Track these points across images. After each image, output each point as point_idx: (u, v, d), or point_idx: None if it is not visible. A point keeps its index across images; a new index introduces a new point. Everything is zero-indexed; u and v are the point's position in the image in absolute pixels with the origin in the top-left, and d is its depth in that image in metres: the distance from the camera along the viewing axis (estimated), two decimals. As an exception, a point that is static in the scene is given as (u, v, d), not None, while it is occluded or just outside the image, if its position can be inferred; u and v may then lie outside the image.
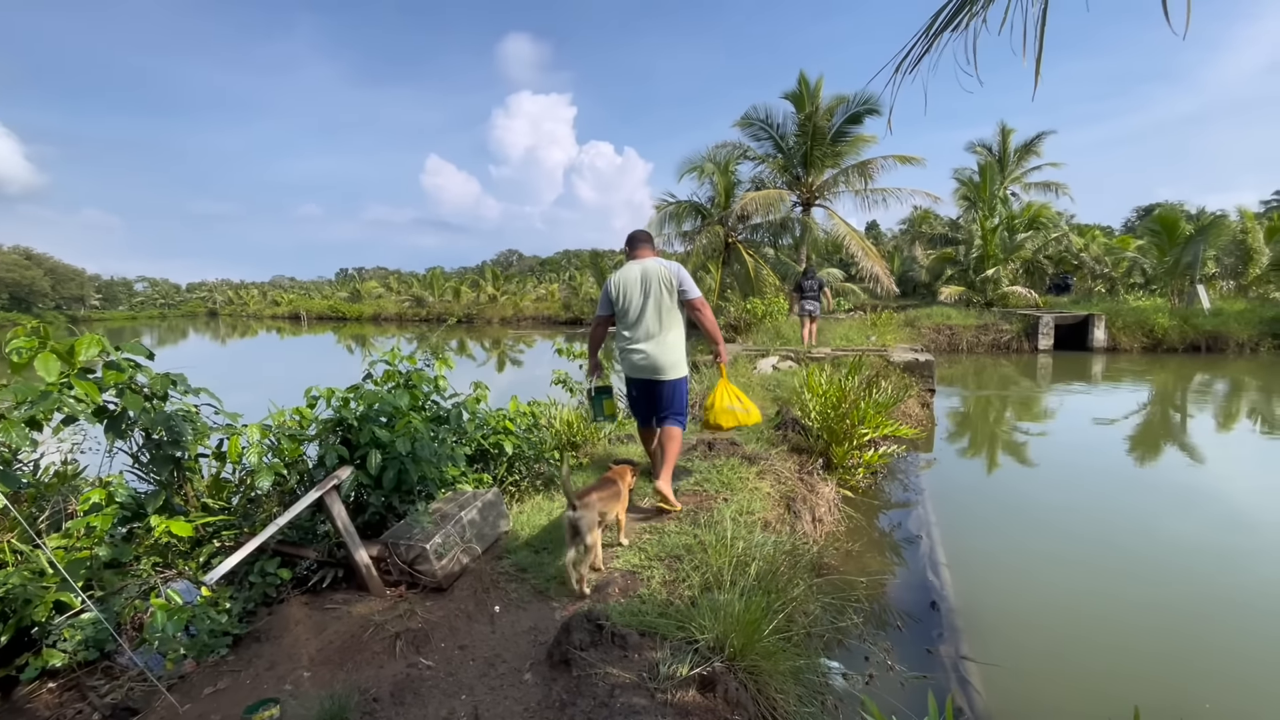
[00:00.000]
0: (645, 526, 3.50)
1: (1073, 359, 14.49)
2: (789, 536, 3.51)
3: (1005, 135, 30.65)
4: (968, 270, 24.10)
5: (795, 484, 4.35)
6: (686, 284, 3.57)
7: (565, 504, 2.86)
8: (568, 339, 28.97)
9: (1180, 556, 4.51)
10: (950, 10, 2.25)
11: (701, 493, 3.98)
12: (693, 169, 20.91)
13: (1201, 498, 5.84)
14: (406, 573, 2.91)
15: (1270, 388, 11.32)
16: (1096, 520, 5.19)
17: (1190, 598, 3.90)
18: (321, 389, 3.07)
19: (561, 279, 55.81)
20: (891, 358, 9.31)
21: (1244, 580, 4.11)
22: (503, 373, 19.12)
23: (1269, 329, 13.76)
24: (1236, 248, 20.01)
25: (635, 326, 3.57)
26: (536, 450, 4.31)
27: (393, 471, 2.95)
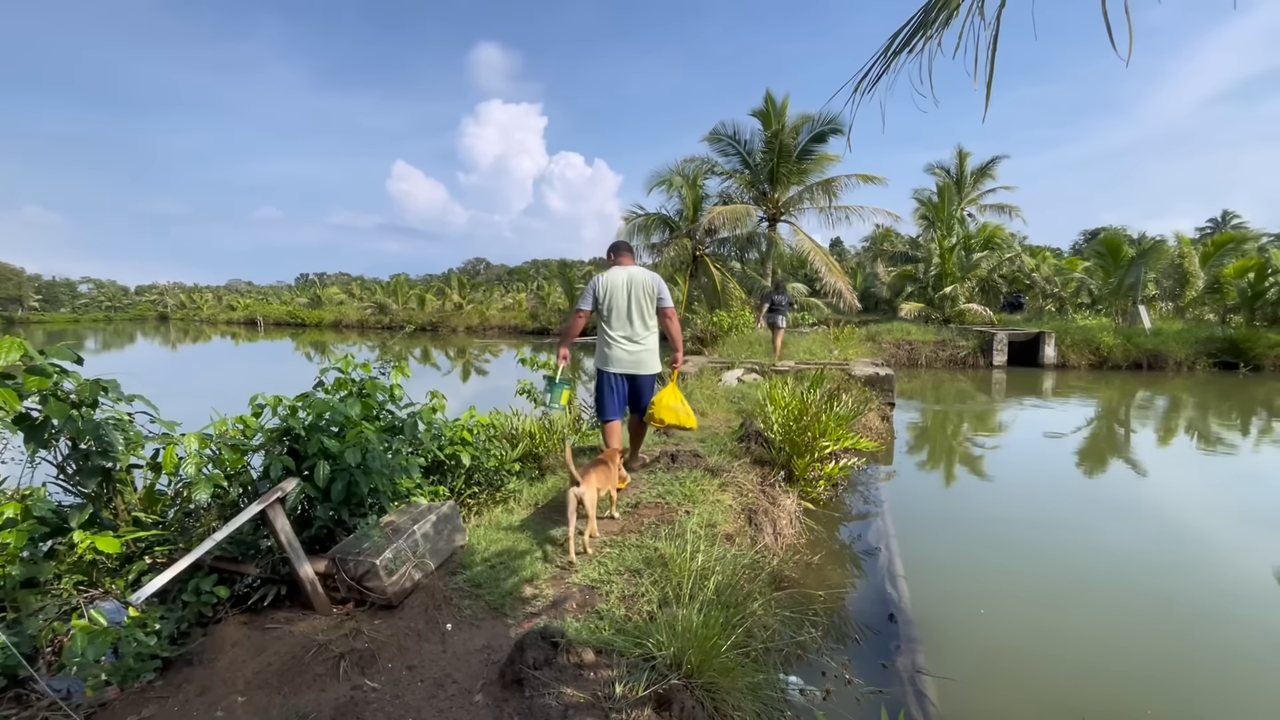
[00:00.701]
0: (606, 539, 3.45)
1: (1025, 374, 15.00)
2: (750, 550, 3.50)
3: (962, 158, 31.79)
4: (927, 288, 24.85)
5: (757, 496, 4.36)
6: (664, 294, 4.09)
7: (568, 480, 3.38)
8: (534, 349, 28.72)
9: (1126, 567, 4.66)
10: (906, 33, 2.30)
11: (664, 505, 3.95)
12: (661, 182, 21.09)
13: (1144, 510, 6.07)
14: (355, 589, 2.79)
15: (1205, 404, 11.90)
16: (1047, 532, 5.34)
17: (1136, 608, 4.03)
18: (268, 396, 2.94)
19: (529, 288, 55.43)
20: (853, 371, 9.47)
21: (1186, 589, 4.27)
22: (467, 382, 18.81)
23: (1204, 348, 14.51)
24: (1174, 271, 21.10)
25: (621, 325, 4.03)
26: (498, 462, 4.22)
27: (342, 483, 2.83)
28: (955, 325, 18.71)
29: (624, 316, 4.02)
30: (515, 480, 4.35)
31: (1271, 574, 4.56)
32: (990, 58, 2.13)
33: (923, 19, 2.16)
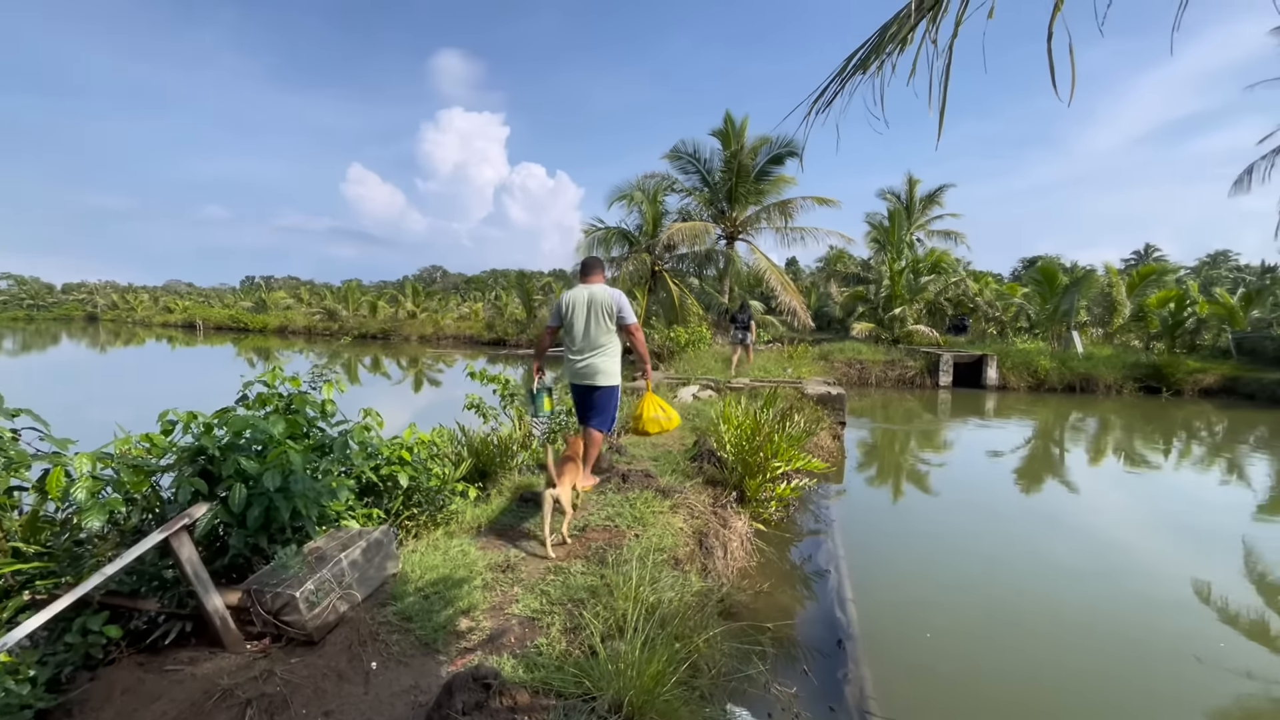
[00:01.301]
0: (550, 567, 3.29)
1: (969, 395, 15.52)
2: (699, 576, 3.40)
3: (912, 185, 33.00)
4: (877, 308, 25.60)
5: (709, 518, 4.28)
6: (625, 311, 4.17)
7: (545, 482, 3.63)
8: (489, 360, 28.19)
9: (1063, 582, 4.77)
10: (861, 56, 2.29)
11: (613, 528, 3.82)
12: (622, 197, 21.13)
13: (1076, 525, 6.27)
14: (272, 624, 2.56)
15: (1130, 426, 12.53)
16: (991, 551, 5.44)
17: (1075, 623, 4.10)
18: (180, 412, 2.69)
19: (487, 298, 54.61)
20: (806, 390, 9.57)
21: (1118, 602, 4.39)
22: (420, 392, 18.27)
23: (1131, 373, 15.33)
24: (1104, 299, 22.31)
25: (577, 341, 4.19)
26: (439, 481, 4.01)
27: (259, 508, 2.60)
28: (904, 346, 19.26)
29: (581, 332, 4.19)
30: (458, 500, 4.15)
31: (1189, 583, 4.80)
32: (943, 86, 2.13)
33: (877, 42, 2.16)
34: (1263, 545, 5.75)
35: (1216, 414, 13.45)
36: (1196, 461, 9.67)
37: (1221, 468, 9.17)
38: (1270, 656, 3.84)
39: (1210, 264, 54.66)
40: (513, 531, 3.83)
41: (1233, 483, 8.35)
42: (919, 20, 2.15)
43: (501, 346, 32.46)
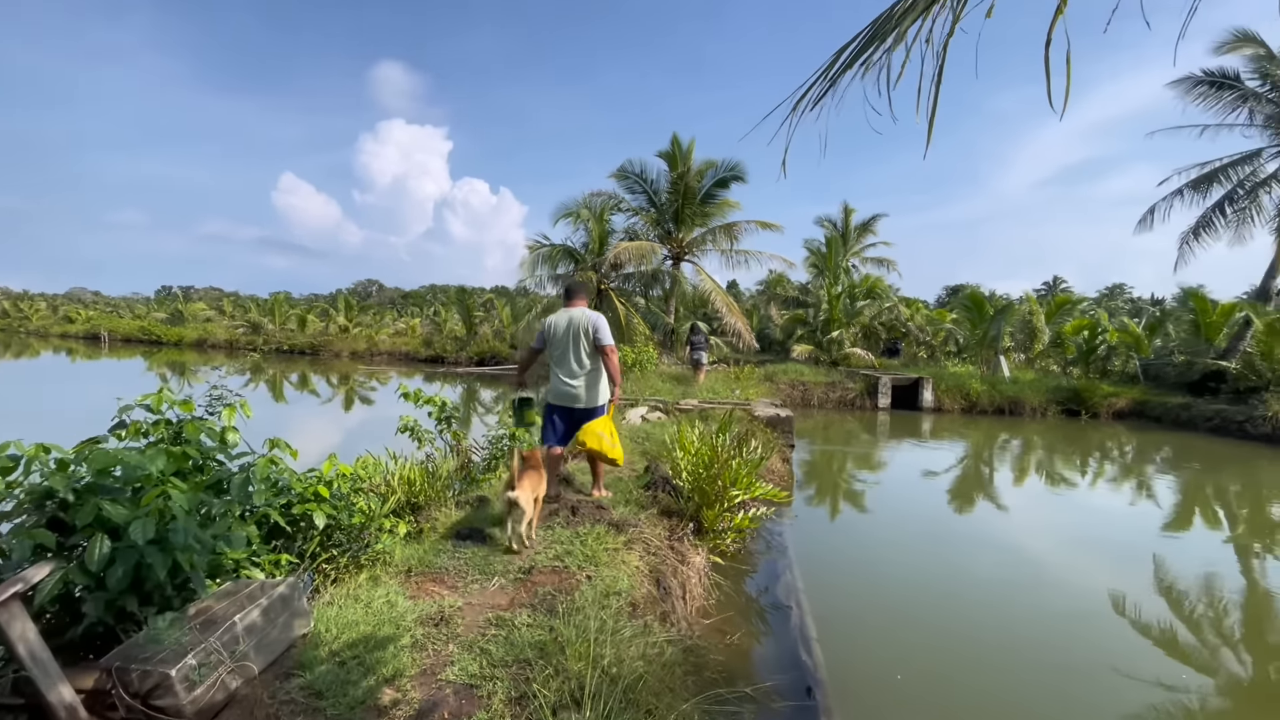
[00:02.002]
0: (492, 618, 2.89)
1: (907, 417, 15.92)
2: (660, 624, 3.08)
3: (848, 214, 34.25)
4: (816, 331, 26.25)
5: (666, 554, 3.97)
6: (601, 332, 4.43)
7: (503, 487, 3.82)
8: (426, 378, 27.08)
9: (1020, 610, 4.71)
10: (853, 51, 2.10)
11: (562, 569, 3.44)
12: (568, 214, 20.85)
13: (1011, 543, 6.32)
14: (139, 711, 2.06)
15: (1053, 447, 13.13)
16: (939, 574, 5.36)
17: (1028, 646, 4.01)
18: (27, 446, 2.16)
19: (425, 314, 52.85)
20: (755, 412, 9.46)
21: (1053, 615, 4.34)
22: (350, 411, 17.19)
23: (1053, 397, 16.15)
24: (1025, 326, 23.62)
25: (561, 363, 4.42)
26: (364, 518, 3.54)
27: (125, 566, 2.10)
28: (844, 368, 19.67)
29: (564, 355, 4.43)
30: (386, 538, 3.67)
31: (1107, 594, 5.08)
32: (935, 88, 1.96)
33: (871, 34, 1.97)
34: (1170, 560, 6.12)
35: (1127, 435, 14.27)
36: (1111, 480, 10.19)
37: (1133, 487, 9.67)
38: (1178, 666, 4.04)
39: (1109, 296, 59.60)
40: (449, 575, 3.40)
41: (1141, 501, 8.80)
42: (913, 20, 1.98)
43: (440, 364, 31.28)
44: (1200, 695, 3.66)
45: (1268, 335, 14.11)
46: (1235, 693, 3.77)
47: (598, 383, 4.50)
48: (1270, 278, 15.41)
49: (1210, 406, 14.25)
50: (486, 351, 30.78)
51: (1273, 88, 15.45)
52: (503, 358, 30.11)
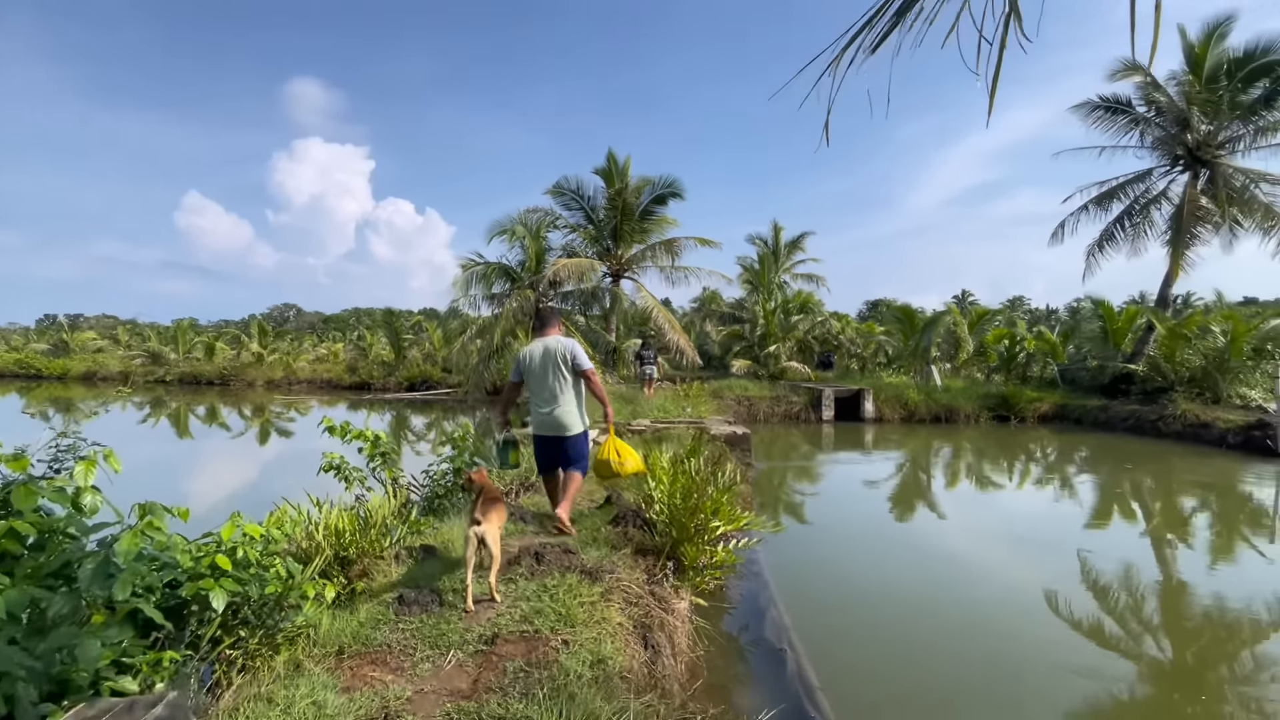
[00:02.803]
0: (452, 710, 2.30)
1: (850, 428, 16.09)
2: (654, 695, 2.56)
3: (777, 232, 35.07)
4: (753, 346, 26.56)
5: (648, 602, 3.46)
6: (579, 357, 4.37)
7: (468, 520, 3.31)
8: (351, 406, 25.38)
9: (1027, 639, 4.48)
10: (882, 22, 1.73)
11: (533, 635, 2.87)
12: (503, 231, 20.15)
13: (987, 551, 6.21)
14: None
15: (983, 451, 13.57)
16: (927, 598, 5.10)
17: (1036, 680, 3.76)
18: None
19: (348, 339, 50.08)
20: (711, 430, 9.11)
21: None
22: (266, 445, 15.65)
23: (985, 403, 16.79)
24: (950, 336, 24.70)
25: (540, 393, 4.37)
26: (280, 586, 2.85)
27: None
28: (786, 382, 19.81)
29: (540, 384, 4.38)
30: (311, 607, 2.99)
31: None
32: (1000, 39, 1.62)
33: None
34: (1093, 555, 6.37)
35: (1051, 438, 14.93)
36: (1039, 482, 10.66)
37: (1060, 488, 10.18)
38: (1104, 654, 4.27)
39: (1011, 307, 64.21)
40: (392, 652, 2.76)
41: (1069, 500, 9.31)
42: None
43: (366, 391, 29.47)
44: (1127, 682, 3.90)
45: (1170, 339, 15.18)
46: (1158, 677, 4.05)
47: (579, 408, 4.47)
48: (1166, 286, 16.67)
49: (1125, 407, 15.14)
50: (417, 376, 29.28)
51: (1158, 113, 16.87)
52: (435, 382, 28.72)
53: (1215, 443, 12.43)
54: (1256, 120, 15.61)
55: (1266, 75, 15.28)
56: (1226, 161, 15.96)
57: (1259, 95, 15.42)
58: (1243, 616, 4.84)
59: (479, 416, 21.77)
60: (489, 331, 19.60)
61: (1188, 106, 15.96)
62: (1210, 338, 14.64)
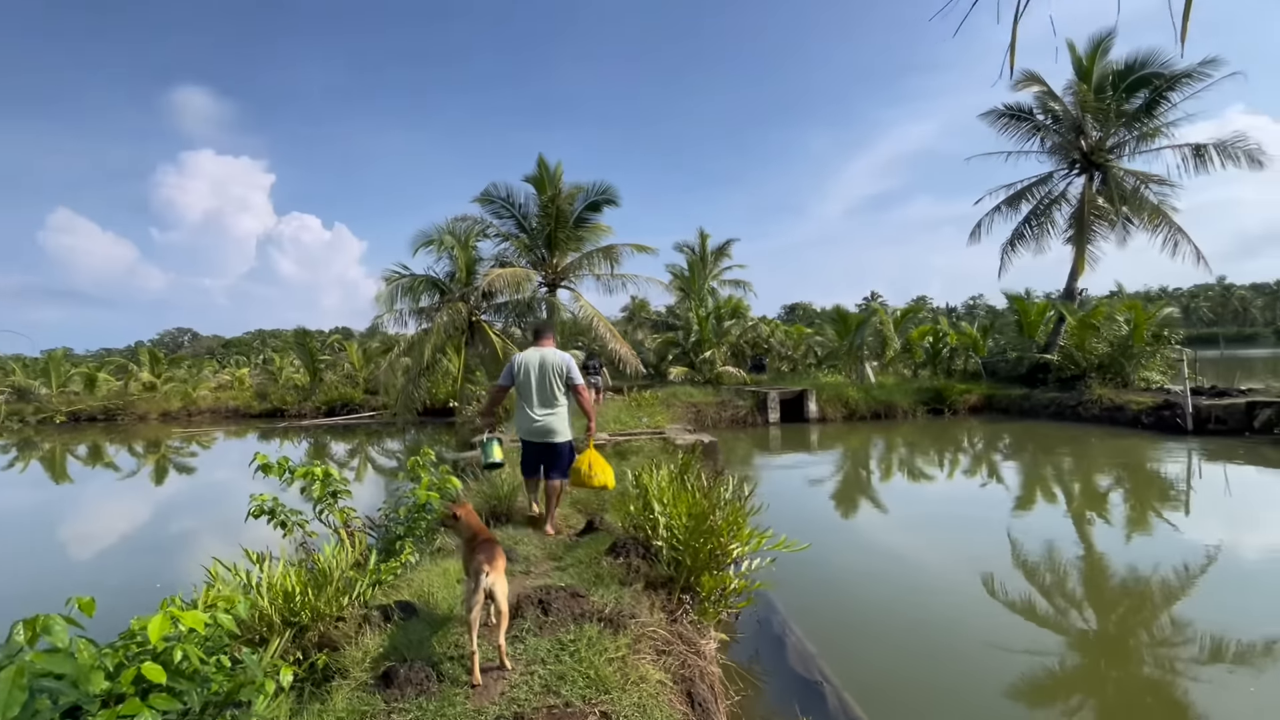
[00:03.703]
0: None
1: (797, 429, 16.20)
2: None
3: (704, 239, 35.47)
4: (688, 352, 26.61)
5: (681, 650, 2.98)
6: (573, 372, 4.57)
7: (470, 568, 2.77)
8: (262, 435, 23.30)
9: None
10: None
11: (562, 710, 2.33)
12: (429, 242, 19.05)
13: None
14: None
15: (916, 444, 14.07)
16: (932, 599, 4.90)
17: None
18: None
19: (254, 362, 46.37)
20: (675, 440, 8.73)
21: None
22: (163, 484, 13.85)
23: (920, 398, 17.40)
24: (877, 335, 25.67)
25: (532, 400, 4.52)
26: (225, 683, 2.16)
27: None
28: (732, 387, 19.81)
29: (535, 392, 4.54)
30: (262, 704, 2.30)
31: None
32: None
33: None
34: (1022, 536, 6.80)
35: (983, 428, 15.64)
36: (970, 471, 11.22)
37: (989, 474, 10.82)
38: (1039, 630, 4.52)
39: (914, 308, 68.42)
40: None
41: (999, 485, 9.90)
42: None
43: (280, 418, 27.14)
44: (1058, 654, 4.09)
45: (1080, 329, 16.28)
46: (1085, 646, 4.27)
47: (565, 419, 4.67)
48: (1072, 280, 17.93)
49: (1047, 395, 16.08)
50: (336, 399, 27.26)
51: (1055, 120, 18.19)
52: (357, 404, 26.85)
53: (1130, 424, 13.34)
54: (1139, 127, 17.12)
55: (1145, 86, 16.79)
56: (1117, 165, 17.38)
57: (1140, 104, 16.92)
58: (1156, 583, 5.22)
59: (409, 439, 20.45)
60: (418, 348, 18.41)
61: (1081, 114, 17.29)
62: (1115, 326, 15.80)
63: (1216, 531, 6.67)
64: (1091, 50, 17.39)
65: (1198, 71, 15.89)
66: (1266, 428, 11.55)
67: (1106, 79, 17.21)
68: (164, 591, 2.50)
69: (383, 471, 15.48)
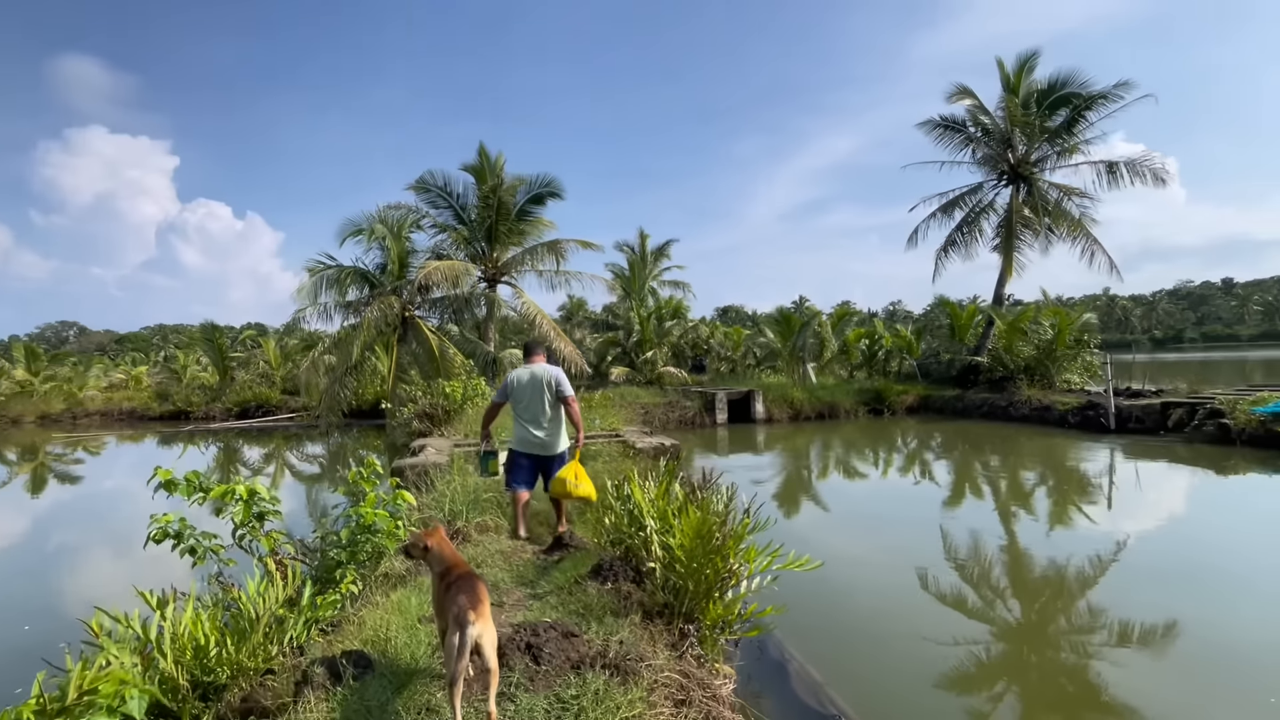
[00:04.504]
0: None
1: (744, 430, 16.12)
2: None
3: (643, 239, 35.24)
4: (629, 353, 26.28)
5: (699, 696, 2.52)
6: (564, 386, 4.77)
7: (448, 618, 2.19)
8: (163, 441, 21.16)
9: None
10: None
11: (581, 798, 1.82)
12: (358, 231, 17.77)
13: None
14: None
15: (857, 443, 14.36)
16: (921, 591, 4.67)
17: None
18: None
19: (153, 360, 42.34)
20: (635, 444, 8.28)
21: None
22: (39, 497, 12.05)
23: (861, 398, 17.76)
24: (816, 337, 26.19)
25: (528, 414, 4.77)
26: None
27: None
28: (680, 387, 19.56)
29: (530, 407, 4.72)
30: None
31: None
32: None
33: None
34: (952, 530, 7.09)
35: (919, 427, 16.09)
36: (904, 468, 11.60)
37: (921, 471, 11.22)
38: (968, 622, 4.71)
39: (826, 313, 71.34)
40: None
41: (932, 483, 10.32)
42: None
43: (184, 421, 24.68)
44: (985, 645, 4.27)
45: (1008, 333, 17.05)
46: (1010, 635, 4.52)
47: (561, 430, 4.83)
48: (1000, 286, 18.79)
49: (979, 395, 16.72)
50: (249, 400, 25.07)
51: (985, 133, 19.02)
52: (273, 406, 24.80)
53: (1058, 423, 14.00)
54: (1060, 143, 18.14)
55: (1065, 105, 17.80)
56: (1041, 177, 18.35)
57: (1061, 122, 17.93)
58: (1075, 574, 5.53)
59: (334, 443, 19.01)
60: (345, 345, 17.11)
61: (1010, 128, 18.13)
62: (1041, 331, 16.63)
63: (1127, 524, 7.15)
64: (1018, 67, 18.30)
65: (1112, 93, 17.00)
66: (1178, 426, 12.35)
67: (1032, 96, 18.14)
68: (34, 639, 1.79)
69: (302, 478, 14.24)
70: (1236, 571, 5.49)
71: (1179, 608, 4.56)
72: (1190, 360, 44.96)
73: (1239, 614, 4.57)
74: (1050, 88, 17.95)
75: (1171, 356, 49.44)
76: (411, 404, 11.90)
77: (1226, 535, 6.76)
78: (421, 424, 11.06)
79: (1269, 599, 4.86)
